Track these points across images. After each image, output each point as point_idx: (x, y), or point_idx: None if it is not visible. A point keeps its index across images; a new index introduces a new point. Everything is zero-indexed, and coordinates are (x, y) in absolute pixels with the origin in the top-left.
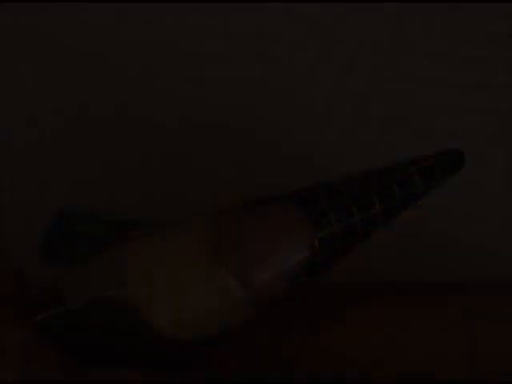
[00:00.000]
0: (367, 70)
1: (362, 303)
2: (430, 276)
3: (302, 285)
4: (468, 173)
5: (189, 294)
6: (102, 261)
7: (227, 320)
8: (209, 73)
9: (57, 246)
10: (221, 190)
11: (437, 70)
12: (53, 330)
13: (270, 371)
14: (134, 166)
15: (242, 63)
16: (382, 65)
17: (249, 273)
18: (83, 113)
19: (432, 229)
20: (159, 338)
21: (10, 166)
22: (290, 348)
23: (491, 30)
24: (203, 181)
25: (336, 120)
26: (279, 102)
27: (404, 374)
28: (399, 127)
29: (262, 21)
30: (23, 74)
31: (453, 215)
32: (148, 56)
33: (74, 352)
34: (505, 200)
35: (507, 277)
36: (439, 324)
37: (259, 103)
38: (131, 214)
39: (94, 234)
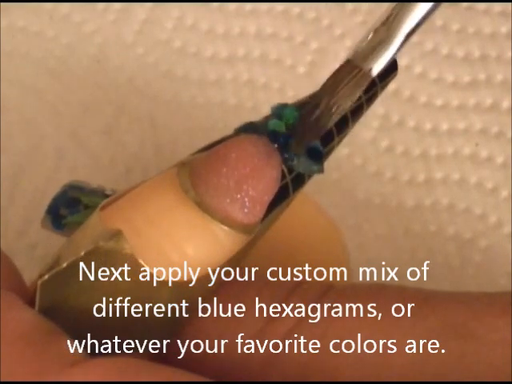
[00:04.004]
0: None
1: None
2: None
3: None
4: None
5: (177, 239)
6: (89, 221)
7: (219, 258)
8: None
9: (60, 214)
10: None
11: (436, 70)
12: (53, 294)
13: None
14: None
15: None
16: None
17: (227, 206)
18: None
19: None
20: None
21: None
22: None
23: (491, 30)
24: None
25: None
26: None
27: None
28: (398, 127)
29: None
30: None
31: (453, 214)
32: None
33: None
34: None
35: None
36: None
37: (260, 104)
38: None
39: (95, 205)
